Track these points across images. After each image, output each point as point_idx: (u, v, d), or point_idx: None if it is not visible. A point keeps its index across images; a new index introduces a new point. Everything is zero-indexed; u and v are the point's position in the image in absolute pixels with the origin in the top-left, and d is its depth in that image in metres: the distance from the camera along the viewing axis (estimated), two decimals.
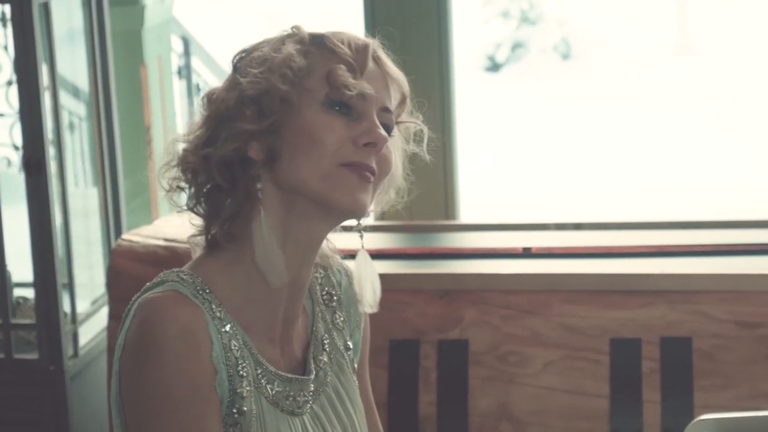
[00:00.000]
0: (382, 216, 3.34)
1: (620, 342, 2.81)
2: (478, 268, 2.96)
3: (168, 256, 2.99)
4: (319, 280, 1.79)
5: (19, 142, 3.38)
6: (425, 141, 1.74)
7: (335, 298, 1.79)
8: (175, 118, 5.03)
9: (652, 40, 14.33)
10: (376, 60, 1.63)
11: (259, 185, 1.59)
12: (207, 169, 1.60)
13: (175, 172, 1.63)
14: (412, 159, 1.75)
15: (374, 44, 1.65)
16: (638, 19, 14.70)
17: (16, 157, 3.53)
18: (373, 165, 1.60)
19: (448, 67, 3.50)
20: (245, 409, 1.58)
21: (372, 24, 3.45)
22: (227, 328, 1.58)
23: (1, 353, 3.37)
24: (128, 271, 3.00)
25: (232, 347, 1.58)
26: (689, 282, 2.81)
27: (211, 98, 1.62)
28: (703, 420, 1.89)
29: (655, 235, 3.20)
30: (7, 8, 3.33)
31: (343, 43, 1.61)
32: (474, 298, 2.87)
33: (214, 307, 1.58)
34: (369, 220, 1.72)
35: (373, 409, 1.86)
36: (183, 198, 1.67)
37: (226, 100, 1.60)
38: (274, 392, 1.63)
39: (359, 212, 1.61)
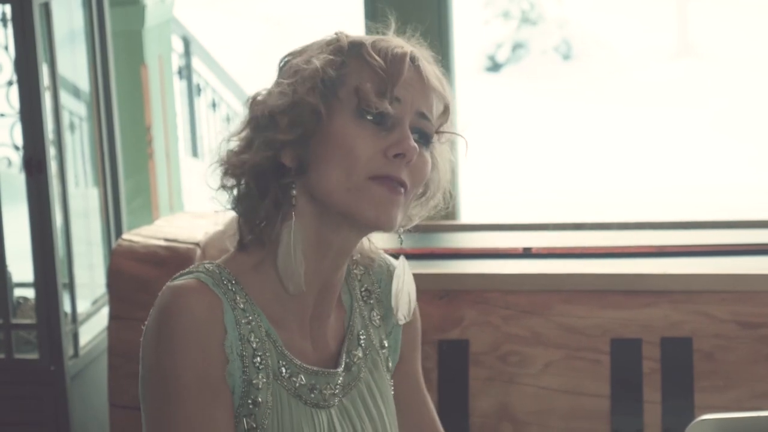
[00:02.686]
0: None
1: (621, 342, 2.81)
2: (478, 268, 2.96)
3: (168, 256, 2.99)
4: (359, 277, 1.79)
5: (19, 142, 3.38)
6: (466, 153, 1.74)
7: (374, 295, 1.80)
8: (175, 118, 5.03)
9: (653, 40, 14.34)
10: (417, 68, 1.62)
11: (293, 191, 1.61)
12: (243, 174, 1.61)
13: (220, 171, 1.64)
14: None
15: (417, 52, 1.64)
16: (639, 19, 14.70)
17: (17, 158, 3.53)
18: (404, 177, 1.59)
19: (448, 67, 3.49)
20: (260, 400, 1.59)
21: (372, 24, 3.44)
22: (249, 319, 1.60)
23: (2, 353, 3.37)
24: (129, 271, 3.00)
25: (251, 339, 1.60)
26: (690, 282, 2.81)
27: (254, 101, 1.63)
28: (703, 420, 1.89)
29: (656, 235, 3.20)
30: (7, 8, 3.33)
31: (379, 53, 1.61)
32: (474, 298, 2.87)
33: (238, 298, 1.60)
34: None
35: (429, 406, 1.85)
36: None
37: (263, 108, 1.61)
38: (297, 385, 1.64)
39: (387, 227, 1.61)
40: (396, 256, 1.75)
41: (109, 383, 3.04)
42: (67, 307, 3.40)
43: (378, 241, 1.78)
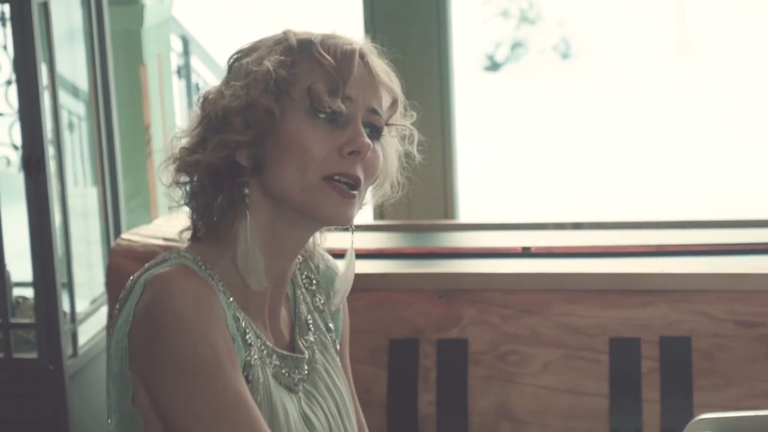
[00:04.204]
0: (381, 215, 3.35)
1: (620, 341, 2.81)
2: (477, 268, 2.96)
3: None
4: (298, 265, 1.83)
5: (18, 141, 3.37)
6: (415, 143, 1.77)
7: (314, 281, 1.84)
8: (174, 118, 5.03)
9: (652, 39, 14.33)
10: (366, 64, 1.65)
11: (246, 190, 1.63)
12: (197, 171, 1.63)
13: (173, 168, 1.66)
14: (410, 158, 1.78)
15: (365, 48, 1.66)
16: (638, 18, 14.69)
17: (16, 157, 3.52)
18: (358, 173, 1.63)
19: (447, 66, 3.49)
20: (252, 377, 1.62)
21: (371, 23, 3.45)
22: (230, 301, 1.63)
23: (1, 353, 3.37)
24: (128, 270, 2.98)
25: (239, 317, 1.62)
26: (689, 281, 2.81)
27: (206, 100, 1.65)
28: (702, 419, 1.89)
29: (655, 234, 3.20)
30: (6, 8, 3.33)
31: (329, 51, 1.63)
32: (473, 297, 2.87)
33: (216, 281, 1.63)
34: (367, 219, 1.77)
35: (355, 398, 1.89)
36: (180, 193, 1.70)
37: (215, 108, 1.62)
38: (273, 365, 1.67)
39: (343, 223, 1.65)
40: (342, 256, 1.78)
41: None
42: (66, 306, 3.40)
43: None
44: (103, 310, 3.56)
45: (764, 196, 9.28)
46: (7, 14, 3.31)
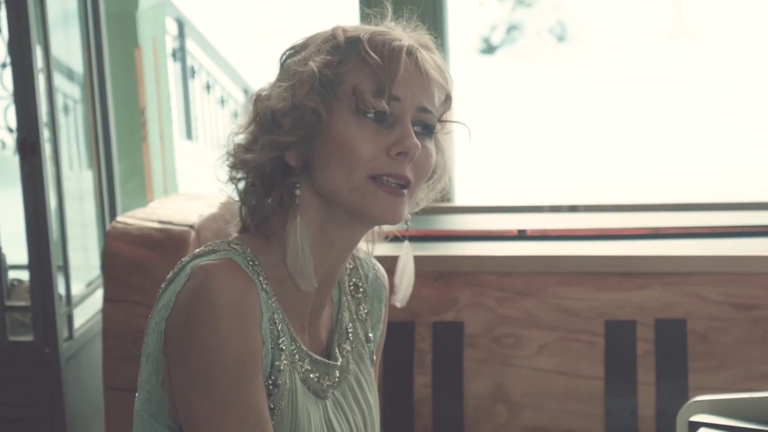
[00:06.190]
0: None
1: (615, 324, 2.81)
2: (473, 251, 2.97)
3: (163, 239, 2.99)
4: (348, 271, 1.81)
5: (13, 124, 3.37)
6: (469, 137, 1.75)
7: (361, 289, 1.82)
8: (169, 101, 5.03)
9: (648, 22, 14.32)
10: (415, 61, 1.62)
11: (298, 191, 1.61)
12: (248, 170, 1.63)
13: (227, 165, 1.66)
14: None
15: (415, 44, 1.63)
16: (633, 1, 14.69)
17: (11, 140, 3.52)
18: (407, 173, 1.60)
19: (443, 49, 3.48)
20: (280, 382, 1.60)
21: (367, 6, 3.44)
22: (271, 301, 1.61)
23: None
24: (123, 253, 3.00)
25: (275, 320, 1.61)
26: (684, 264, 2.81)
27: (258, 98, 1.64)
28: (697, 401, 1.90)
29: (650, 217, 3.21)
30: None
31: (376, 49, 1.60)
32: (469, 280, 2.87)
33: (261, 278, 1.60)
34: None
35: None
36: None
37: (264, 108, 1.61)
38: (303, 370, 1.65)
39: (392, 223, 1.62)
40: (402, 238, 1.75)
41: (104, 365, 3.04)
42: (61, 289, 3.40)
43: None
44: (99, 293, 3.56)
45: (759, 178, 9.29)
46: None
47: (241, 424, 1.53)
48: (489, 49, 14.27)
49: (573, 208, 3.32)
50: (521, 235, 3.09)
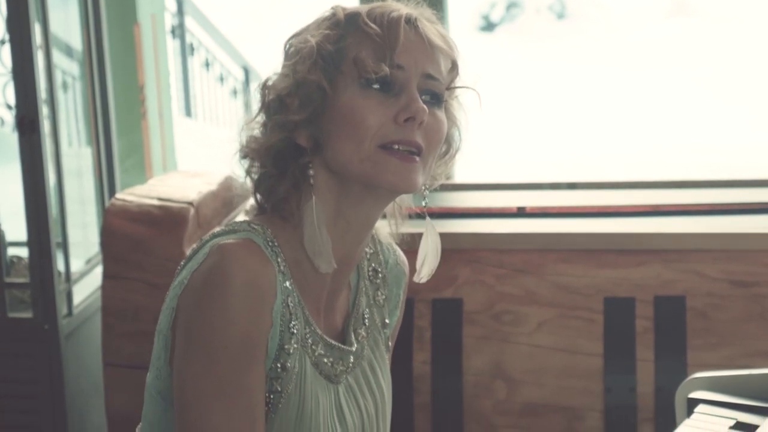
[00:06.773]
0: None
1: (614, 301, 2.82)
2: (472, 228, 2.97)
3: (162, 216, 2.99)
4: (368, 256, 1.80)
5: (12, 101, 3.36)
6: (480, 103, 1.74)
7: (380, 275, 1.81)
8: (168, 78, 5.02)
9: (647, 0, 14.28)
10: (416, 29, 1.61)
11: (311, 171, 1.61)
12: (260, 156, 1.63)
13: (239, 156, 1.66)
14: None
15: (413, 14, 1.63)
16: None
17: (9, 117, 3.52)
18: (418, 139, 1.59)
19: (442, 26, 3.47)
20: (288, 365, 1.60)
21: None
22: (287, 283, 1.61)
23: None
24: (122, 230, 3.00)
25: (289, 303, 1.60)
26: (683, 241, 2.81)
27: (264, 86, 1.64)
28: (696, 378, 1.90)
29: (650, 194, 3.21)
30: None
31: (375, 20, 1.60)
32: (468, 257, 2.87)
33: (279, 260, 1.60)
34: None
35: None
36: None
37: (272, 91, 1.61)
38: (317, 354, 1.65)
39: (407, 190, 1.61)
40: (423, 215, 1.74)
41: (103, 342, 3.04)
42: (60, 266, 3.40)
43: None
44: (98, 270, 3.57)
45: (758, 155, 9.28)
46: None
47: (233, 405, 1.53)
48: (488, 26, 14.24)
49: (572, 186, 3.32)
50: (520, 213, 3.09)
